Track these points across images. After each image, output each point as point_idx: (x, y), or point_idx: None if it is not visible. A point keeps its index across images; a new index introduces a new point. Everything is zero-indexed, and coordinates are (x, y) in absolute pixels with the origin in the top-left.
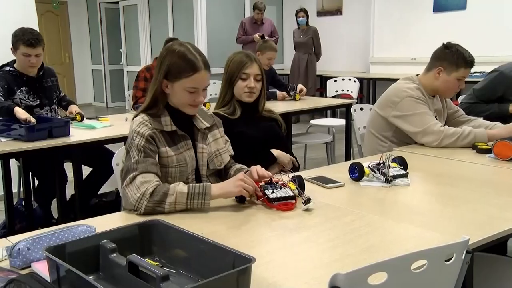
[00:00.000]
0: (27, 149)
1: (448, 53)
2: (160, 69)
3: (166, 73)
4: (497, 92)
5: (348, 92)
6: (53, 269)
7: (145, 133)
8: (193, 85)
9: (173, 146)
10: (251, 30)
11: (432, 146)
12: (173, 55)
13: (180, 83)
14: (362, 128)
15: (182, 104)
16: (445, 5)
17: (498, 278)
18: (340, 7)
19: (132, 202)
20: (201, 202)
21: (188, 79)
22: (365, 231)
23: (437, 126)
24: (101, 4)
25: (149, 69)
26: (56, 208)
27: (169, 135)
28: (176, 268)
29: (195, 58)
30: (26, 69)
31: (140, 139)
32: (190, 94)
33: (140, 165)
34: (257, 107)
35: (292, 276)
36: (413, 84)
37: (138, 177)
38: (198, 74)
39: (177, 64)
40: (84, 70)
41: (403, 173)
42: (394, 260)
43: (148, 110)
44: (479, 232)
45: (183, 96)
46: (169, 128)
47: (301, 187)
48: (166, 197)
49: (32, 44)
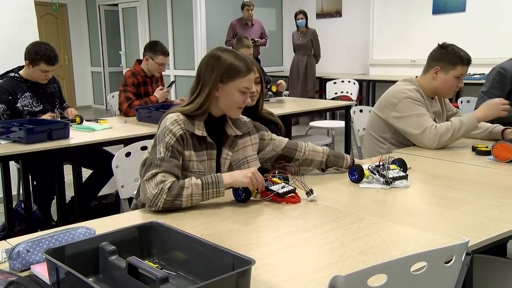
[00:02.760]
0: (27, 152)
1: (443, 52)
2: (212, 73)
3: (221, 76)
4: (505, 87)
5: (348, 94)
6: (52, 271)
7: (177, 132)
8: (247, 85)
9: (198, 152)
10: (241, 31)
11: (432, 148)
12: (227, 59)
13: (235, 83)
14: (361, 130)
15: (231, 106)
16: (444, 7)
17: (497, 280)
18: (340, 9)
19: (150, 197)
20: (217, 191)
21: (244, 79)
22: (364, 233)
23: (433, 127)
24: (101, 6)
25: (135, 75)
26: (56, 210)
27: (198, 140)
28: (175, 270)
29: (245, 60)
30: (39, 80)
31: (171, 137)
32: (241, 95)
33: (164, 163)
34: (257, 109)
35: (292, 278)
36: (412, 86)
37: (159, 174)
38: (251, 74)
39: (234, 64)
40: (83, 72)
41: (403, 175)
42: (394, 262)
43: (189, 111)
44: (479, 234)
45: (235, 97)
46: (200, 133)
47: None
48: (182, 190)
49: (53, 63)
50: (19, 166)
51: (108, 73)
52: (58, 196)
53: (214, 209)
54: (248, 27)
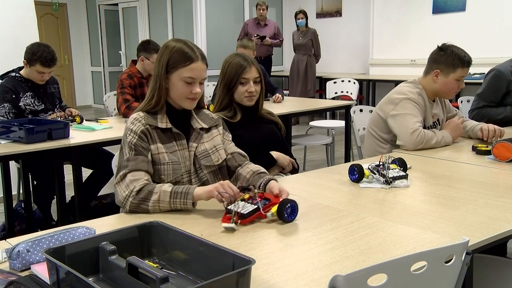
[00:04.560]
0: (27, 151)
1: (443, 55)
2: (160, 65)
3: (166, 67)
4: (500, 90)
5: (348, 94)
6: (52, 271)
7: (137, 130)
8: (190, 74)
9: (166, 144)
10: (253, 31)
11: (411, 150)
12: (171, 49)
13: (178, 73)
14: (361, 130)
15: (180, 97)
16: (444, 6)
17: (497, 280)
18: (340, 8)
19: (121, 199)
20: (184, 202)
21: (185, 68)
22: (364, 232)
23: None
24: (101, 6)
25: (132, 77)
26: (56, 210)
27: (164, 133)
28: (175, 269)
29: (191, 50)
30: (36, 81)
31: (133, 136)
32: (187, 85)
33: (130, 163)
34: (257, 109)
35: (292, 277)
36: (416, 88)
37: (128, 175)
38: (195, 64)
39: (175, 55)
40: (83, 72)
41: (403, 174)
42: (394, 261)
43: (148, 107)
44: (479, 234)
45: (181, 88)
46: (164, 125)
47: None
48: (150, 195)
49: (49, 66)
50: (19, 166)
51: (108, 73)
52: (58, 196)
53: (214, 209)
54: (261, 26)
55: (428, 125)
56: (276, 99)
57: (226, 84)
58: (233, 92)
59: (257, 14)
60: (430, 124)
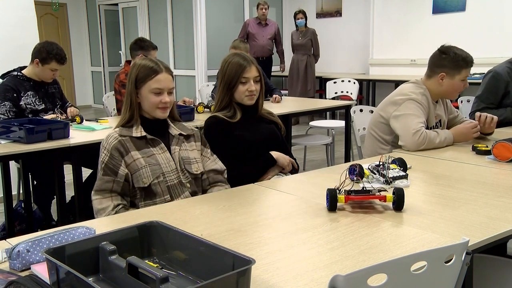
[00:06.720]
0: (27, 151)
1: (446, 57)
2: (130, 82)
3: (135, 83)
4: (499, 91)
5: (348, 94)
6: (52, 271)
7: (109, 147)
8: (157, 85)
9: (142, 149)
10: (254, 30)
11: (412, 150)
12: (137, 66)
13: (146, 86)
14: (361, 130)
15: (152, 108)
16: (445, 6)
17: (497, 280)
18: (340, 8)
19: (95, 211)
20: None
21: (152, 80)
22: (364, 232)
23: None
24: (101, 6)
25: None
26: (56, 210)
27: (139, 140)
28: (175, 269)
29: (155, 64)
30: (45, 79)
31: (106, 154)
32: (156, 96)
33: (97, 182)
34: (257, 108)
35: (292, 277)
36: (419, 89)
37: (95, 197)
38: (161, 75)
39: (141, 70)
40: (83, 72)
41: (403, 174)
42: (394, 261)
43: (123, 122)
44: (479, 234)
45: (151, 99)
46: (139, 134)
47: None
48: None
49: (63, 63)
50: (19, 166)
51: (108, 72)
52: (58, 196)
53: (214, 209)
54: (262, 26)
55: (431, 126)
56: (274, 99)
57: (226, 84)
58: (233, 91)
59: (259, 14)
60: (433, 124)
